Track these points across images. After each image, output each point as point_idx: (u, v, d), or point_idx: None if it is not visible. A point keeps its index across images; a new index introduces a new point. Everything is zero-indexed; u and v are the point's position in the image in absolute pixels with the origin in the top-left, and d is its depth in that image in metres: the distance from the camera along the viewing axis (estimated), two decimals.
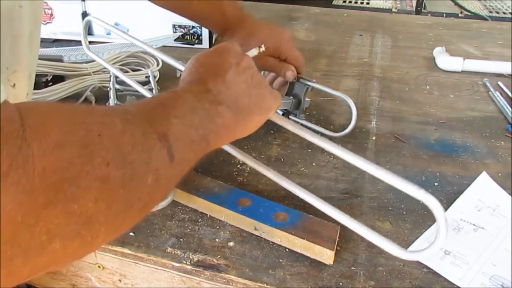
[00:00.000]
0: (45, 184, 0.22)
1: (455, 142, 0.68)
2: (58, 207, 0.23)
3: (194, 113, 0.36)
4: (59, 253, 0.24)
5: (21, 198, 0.21)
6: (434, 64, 0.97)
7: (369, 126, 0.72)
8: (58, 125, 0.24)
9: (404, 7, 1.68)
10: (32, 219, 0.22)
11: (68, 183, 0.23)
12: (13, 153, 0.21)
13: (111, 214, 0.26)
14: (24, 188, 0.21)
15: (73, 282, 0.54)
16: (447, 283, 0.44)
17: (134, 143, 0.28)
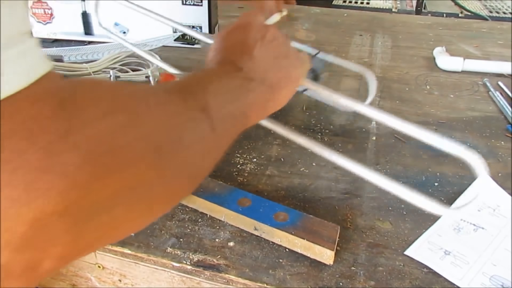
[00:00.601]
0: (101, 150, 0.22)
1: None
2: (115, 173, 0.22)
3: (229, 89, 0.36)
4: (121, 220, 0.24)
5: (80, 162, 0.21)
6: (434, 64, 0.97)
7: (369, 126, 0.72)
8: (107, 95, 0.24)
9: (404, 7, 1.68)
10: (92, 184, 0.21)
11: (122, 150, 0.23)
12: (69, 118, 0.21)
13: (164, 182, 0.26)
14: (81, 153, 0.21)
15: (73, 282, 0.54)
16: (447, 283, 0.44)
17: (179, 112, 0.29)
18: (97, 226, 0.22)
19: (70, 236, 0.21)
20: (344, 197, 0.55)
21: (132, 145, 0.24)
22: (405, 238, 0.49)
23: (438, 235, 0.50)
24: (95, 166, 0.21)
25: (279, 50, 0.42)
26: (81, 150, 0.21)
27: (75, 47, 0.97)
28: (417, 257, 0.47)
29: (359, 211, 0.53)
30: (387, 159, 0.63)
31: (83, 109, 0.22)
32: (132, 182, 0.24)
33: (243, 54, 0.40)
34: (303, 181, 0.58)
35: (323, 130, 0.69)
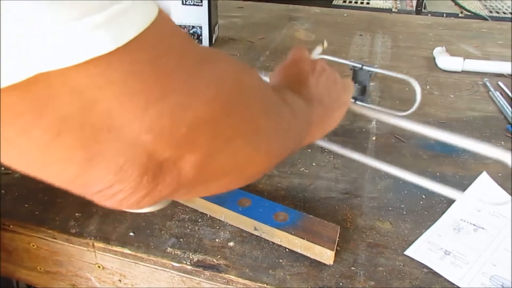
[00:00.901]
0: (226, 93, 0.26)
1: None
2: (237, 113, 0.27)
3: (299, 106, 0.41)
4: (238, 152, 0.28)
5: (210, 96, 0.24)
6: (434, 64, 0.97)
7: (369, 126, 0.72)
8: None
9: (404, 7, 1.68)
10: (219, 116, 0.25)
11: (243, 96, 0.28)
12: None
13: (270, 131, 0.32)
14: (210, 91, 0.24)
15: (73, 282, 0.54)
16: (447, 283, 0.44)
17: (279, 100, 0.35)
18: (225, 150, 0.27)
19: (208, 146, 0.25)
20: (344, 197, 0.55)
21: (247, 95, 0.29)
22: (405, 238, 0.49)
23: (438, 235, 0.50)
24: (221, 105, 0.25)
25: (328, 79, 0.48)
26: (209, 90, 0.25)
27: None
28: (417, 257, 0.47)
29: (359, 211, 0.53)
30: (387, 159, 0.62)
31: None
32: (248, 123, 0.29)
33: (300, 84, 0.45)
34: (303, 181, 0.58)
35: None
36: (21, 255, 0.54)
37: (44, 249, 0.52)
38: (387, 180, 0.59)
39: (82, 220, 0.51)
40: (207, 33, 1.02)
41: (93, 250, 0.49)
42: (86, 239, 0.49)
